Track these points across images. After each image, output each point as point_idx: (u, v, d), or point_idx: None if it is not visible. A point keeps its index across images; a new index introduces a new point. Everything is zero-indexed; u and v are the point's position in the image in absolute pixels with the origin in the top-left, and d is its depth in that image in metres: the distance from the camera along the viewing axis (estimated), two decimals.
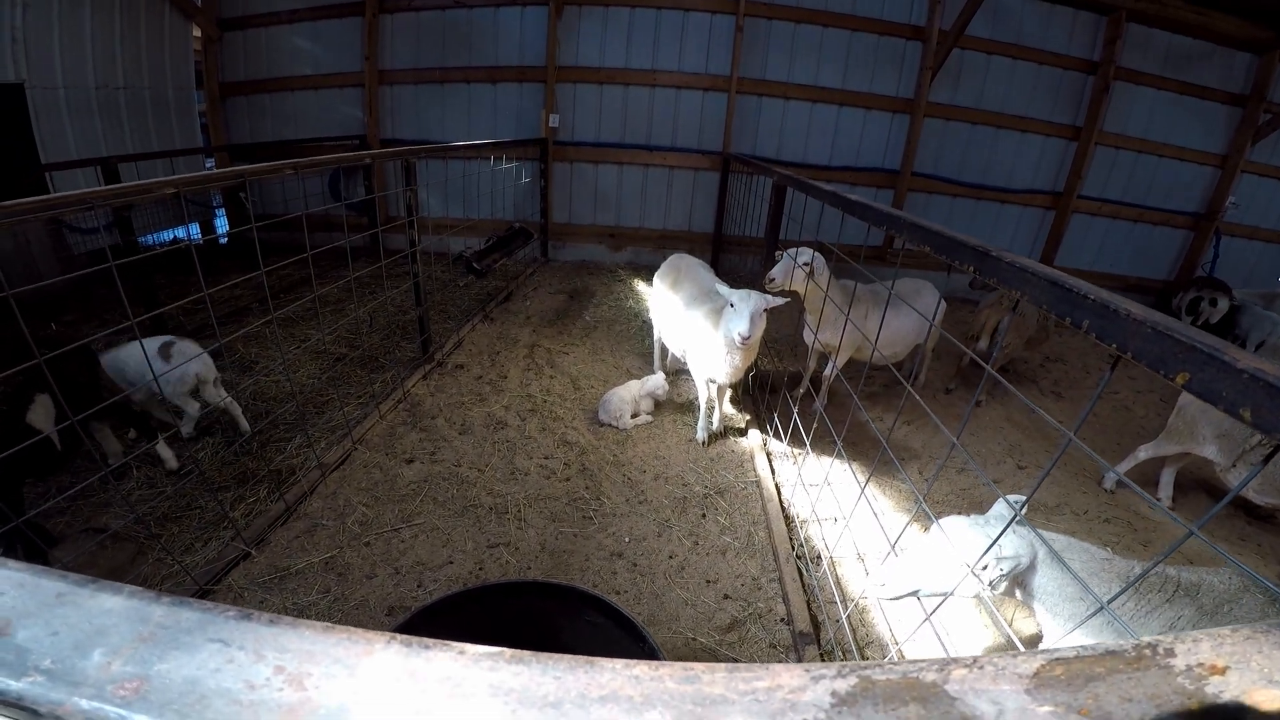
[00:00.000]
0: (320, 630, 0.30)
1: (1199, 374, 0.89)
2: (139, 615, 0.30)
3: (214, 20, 7.89)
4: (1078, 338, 6.71)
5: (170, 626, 0.30)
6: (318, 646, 0.29)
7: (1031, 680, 0.32)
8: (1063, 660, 0.33)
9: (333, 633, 0.30)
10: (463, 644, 0.30)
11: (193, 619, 0.30)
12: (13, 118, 5.79)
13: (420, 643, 0.30)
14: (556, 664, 0.30)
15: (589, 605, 2.09)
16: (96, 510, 3.10)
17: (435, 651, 0.29)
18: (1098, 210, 8.06)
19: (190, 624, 0.30)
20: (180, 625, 0.30)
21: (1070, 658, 0.33)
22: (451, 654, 0.29)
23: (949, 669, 0.32)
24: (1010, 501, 1.71)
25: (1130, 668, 0.33)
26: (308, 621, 0.31)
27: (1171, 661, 0.33)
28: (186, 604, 0.31)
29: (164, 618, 0.30)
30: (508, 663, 0.29)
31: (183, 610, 0.31)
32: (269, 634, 0.30)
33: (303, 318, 5.69)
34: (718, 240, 8.24)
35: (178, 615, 0.30)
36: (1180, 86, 7.50)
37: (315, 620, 0.31)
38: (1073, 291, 1.12)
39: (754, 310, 3.28)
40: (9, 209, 1.76)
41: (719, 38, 7.60)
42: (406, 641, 0.30)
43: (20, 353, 2.27)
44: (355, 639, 0.30)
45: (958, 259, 1.51)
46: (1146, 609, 1.91)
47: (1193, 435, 3.50)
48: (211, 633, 0.30)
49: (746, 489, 3.61)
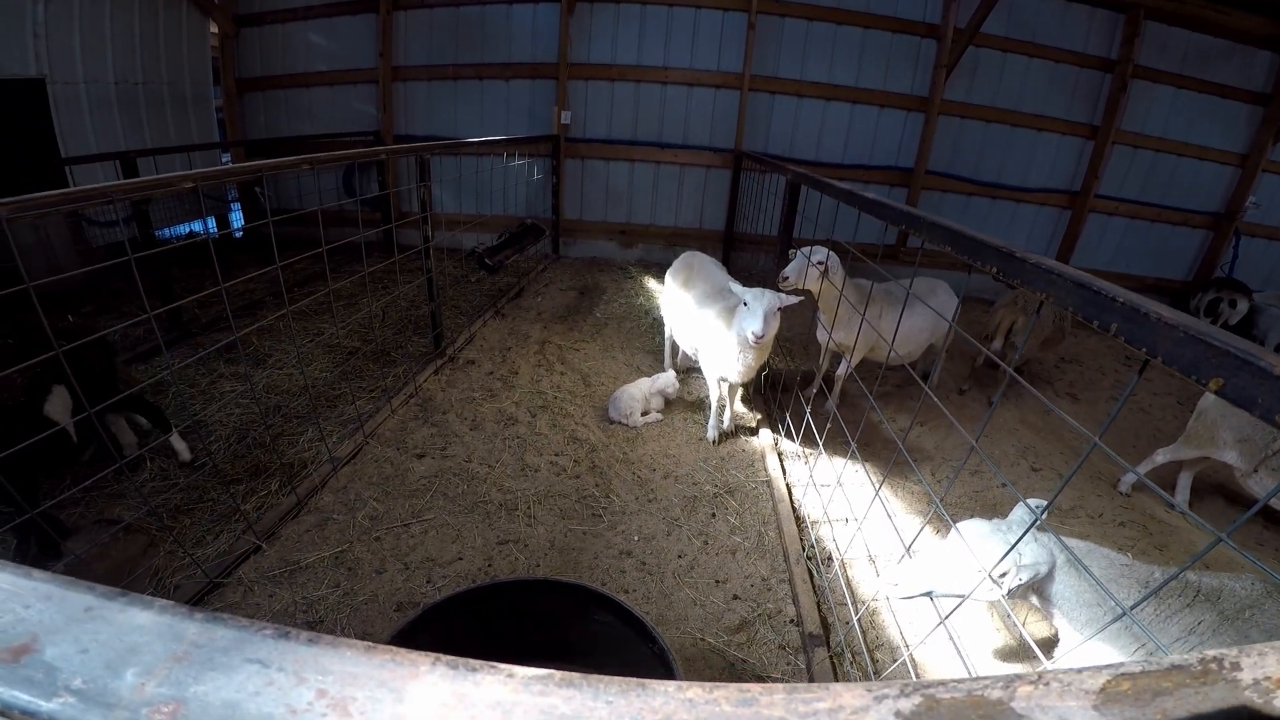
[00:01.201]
0: (362, 651, 0.29)
1: (1233, 379, 0.87)
2: (172, 632, 0.29)
3: (230, 16, 7.92)
4: (1094, 339, 6.64)
5: (205, 645, 0.29)
6: (360, 669, 0.28)
7: (1098, 696, 0.31)
8: (1129, 675, 0.32)
9: (375, 654, 0.29)
10: (511, 666, 0.29)
11: (228, 637, 0.29)
12: (34, 112, 5.84)
13: (466, 664, 0.29)
14: (608, 688, 0.28)
15: (598, 604, 2.08)
16: (110, 501, 3.12)
17: (483, 674, 0.28)
18: (1115, 210, 7.95)
19: (226, 642, 0.29)
20: (215, 644, 0.29)
21: (1136, 672, 0.32)
22: (500, 677, 0.28)
23: (1014, 686, 0.31)
24: (1031, 507, 1.69)
25: (1196, 682, 0.32)
26: (349, 641, 0.30)
27: (1238, 675, 0.32)
28: (221, 620, 0.30)
29: (198, 635, 0.29)
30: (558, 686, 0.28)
31: (217, 628, 0.29)
32: (309, 655, 0.29)
33: (316, 312, 5.72)
34: (729, 238, 8.21)
35: (212, 633, 0.29)
36: (1200, 85, 7.37)
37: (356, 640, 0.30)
38: (1101, 294, 1.10)
39: (768, 309, 3.26)
40: (32, 202, 1.77)
41: (731, 35, 7.55)
42: (453, 664, 0.29)
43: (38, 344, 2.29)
44: (400, 660, 0.28)
45: (980, 260, 1.48)
46: (1166, 614, 1.88)
47: (1213, 440, 3.45)
48: (249, 652, 0.29)
49: (757, 489, 3.60)
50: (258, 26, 8.07)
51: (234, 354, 4.59)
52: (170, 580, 2.67)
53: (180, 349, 4.90)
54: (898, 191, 8.02)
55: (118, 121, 6.59)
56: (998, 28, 7.13)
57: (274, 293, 6.15)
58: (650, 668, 1.96)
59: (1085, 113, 7.63)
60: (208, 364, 4.56)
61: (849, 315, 3.94)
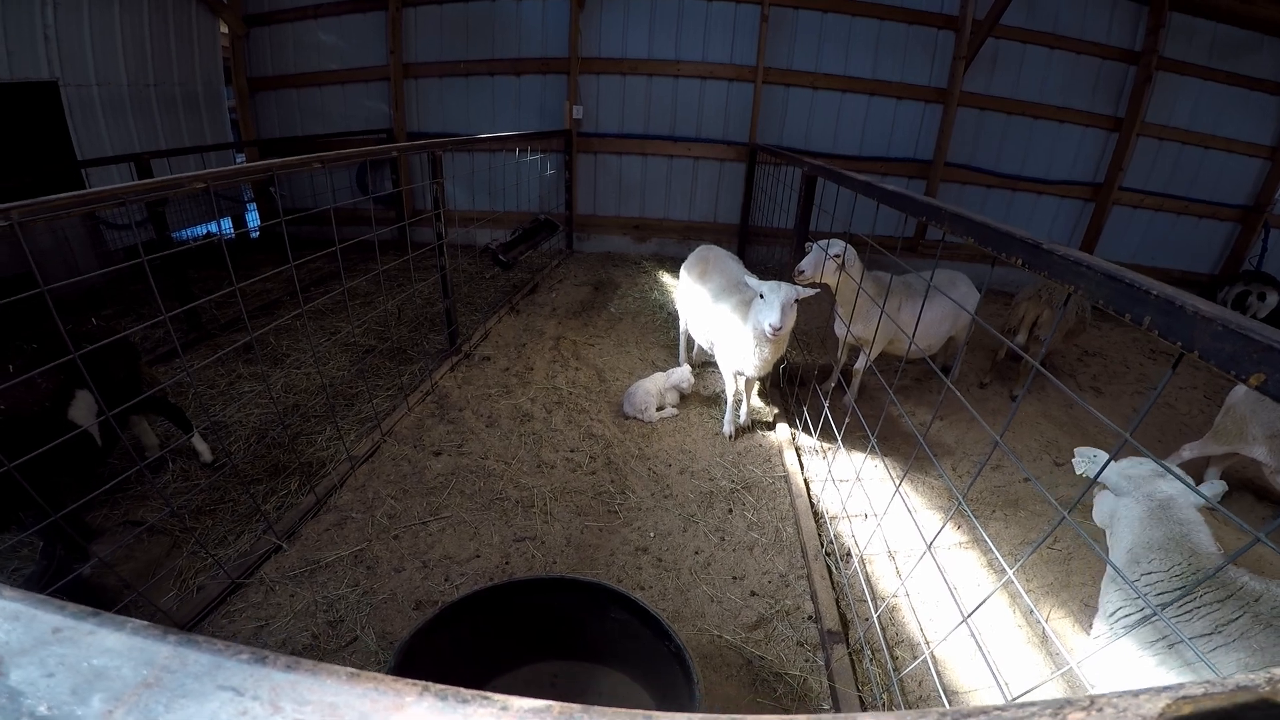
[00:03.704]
0: (345, 679, 0.27)
1: (1277, 375, 0.82)
2: (144, 656, 0.27)
3: (240, 16, 7.96)
4: (1117, 332, 6.51)
5: (177, 670, 0.26)
6: (341, 698, 0.26)
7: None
8: (1190, 698, 0.29)
9: (358, 682, 0.27)
10: (506, 697, 0.27)
11: (203, 661, 0.27)
12: (48, 115, 5.91)
13: (457, 695, 0.26)
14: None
15: (614, 602, 2.07)
16: (135, 503, 3.16)
17: (475, 706, 0.26)
18: (1140, 202, 7.79)
19: (199, 668, 0.27)
20: (188, 669, 0.27)
21: (1198, 695, 0.29)
22: (494, 709, 0.26)
23: (1064, 712, 0.28)
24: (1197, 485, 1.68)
25: (1264, 703, 0.29)
26: (330, 667, 0.27)
27: None
28: (194, 643, 0.28)
29: (170, 659, 0.27)
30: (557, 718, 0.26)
31: (190, 651, 0.27)
32: (286, 682, 0.26)
33: (332, 310, 5.75)
34: (744, 232, 8.15)
35: (185, 657, 0.27)
36: (1227, 77, 7.20)
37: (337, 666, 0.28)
38: (1134, 286, 1.06)
39: (785, 301, 3.22)
40: (42, 205, 1.78)
41: (743, 27, 7.48)
42: (442, 694, 0.26)
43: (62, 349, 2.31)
44: (384, 690, 0.26)
45: (1006, 251, 1.44)
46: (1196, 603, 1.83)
47: (1241, 435, 3.36)
48: (222, 678, 0.26)
49: (774, 484, 3.56)
50: (268, 26, 8.11)
51: (252, 354, 4.63)
52: (194, 581, 2.69)
53: (200, 350, 4.95)
54: (916, 183, 7.92)
55: (131, 124, 6.66)
56: (1018, 19, 7.02)
57: (291, 292, 6.20)
58: (666, 666, 1.94)
59: (1109, 105, 7.48)
60: (227, 364, 4.61)
61: (867, 308, 3.88)
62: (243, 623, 2.49)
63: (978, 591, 2.87)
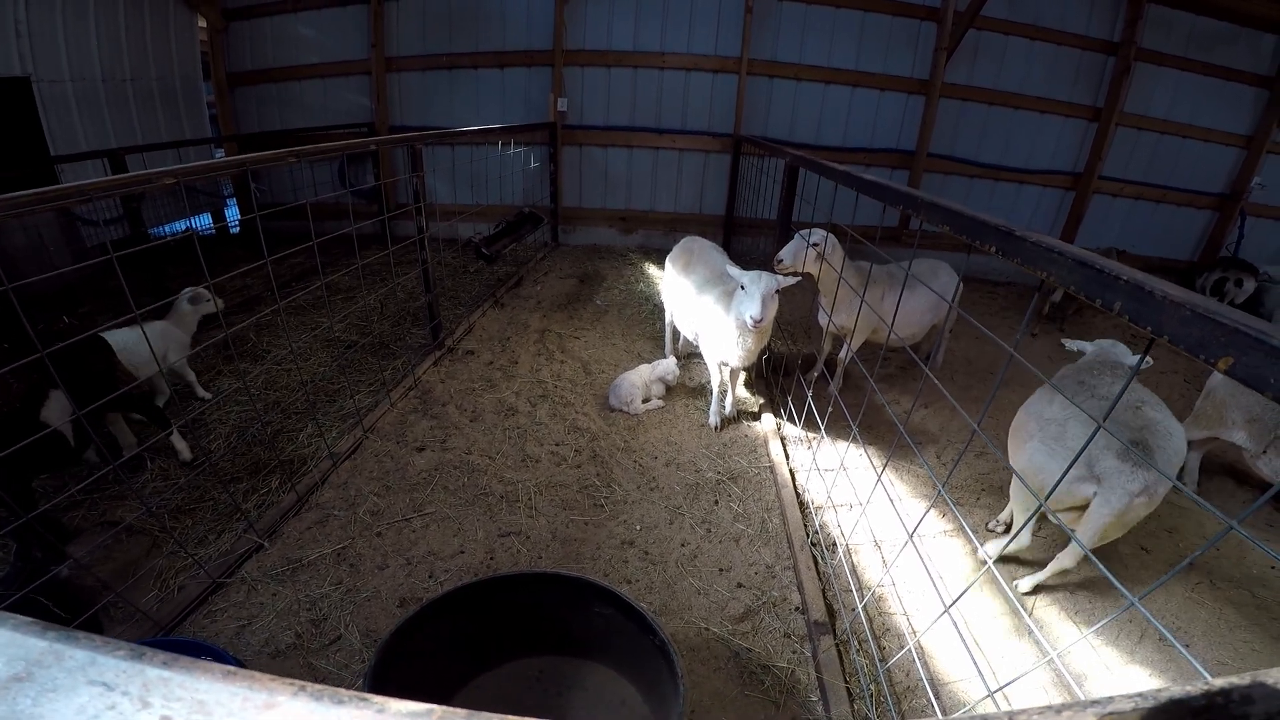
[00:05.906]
0: (220, 676, 0.25)
1: (1244, 358, 0.83)
2: (17, 651, 0.26)
3: (219, 10, 7.83)
4: (1099, 319, 6.57)
5: (50, 665, 0.25)
6: (213, 695, 0.24)
7: None
8: (1118, 714, 0.28)
9: (232, 679, 0.25)
10: (384, 699, 0.26)
11: (78, 657, 0.26)
12: (20, 111, 5.79)
13: (333, 695, 0.25)
14: None
15: (599, 596, 2.06)
16: (113, 503, 3.11)
17: (350, 707, 0.24)
18: (1119, 191, 7.88)
19: (74, 663, 0.25)
20: (62, 664, 0.25)
21: (1127, 710, 0.28)
22: (369, 711, 0.24)
23: None
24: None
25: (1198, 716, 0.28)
26: (207, 665, 0.26)
27: (1248, 710, 0.28)
28: (73, 639, 0.27)
29: (44, 654, 0.25)
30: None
31: (67, 647, 0.26)
32: (158, 678, 0.25)
33: (313, 306, 5.69)
34: (729, 223, 8.15)
35: (60, 652, 0.26)
36: (1204, 68, 7.30)
37: (216, 665, 0.26)
38: (1104, 272, 1.06)
39: (765, 292, 3.22)
40: (11, 201, 1.74)
41: (728, 19, 7.46)
42: (316, 694, 0.25)
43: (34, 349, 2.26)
44: (257, 688, 0.25)
45: (979, 239, 1.44)
46: None
47: (1221, 420, 3.40)
48: (94, 674, 0.25)
49: (760, 475, 3.56)
50: (247, 20, 7.97)
51: (229, 350, 4.56)
52: (174, 581, 2.65)
53: None
54: (900, 174, 7.94)
55: (107, 119, 6.53)
56: (999, 11, 7.05)
57: (271, 288, 6.12)
58: (652, 660, 1.94)
59: (1088, 95, 7.54)
60: (206, 360, 4.55)
61: (849, 298, 3.89)
62: (225, 622, 2.46)
63: (963, 580, 2.89)
